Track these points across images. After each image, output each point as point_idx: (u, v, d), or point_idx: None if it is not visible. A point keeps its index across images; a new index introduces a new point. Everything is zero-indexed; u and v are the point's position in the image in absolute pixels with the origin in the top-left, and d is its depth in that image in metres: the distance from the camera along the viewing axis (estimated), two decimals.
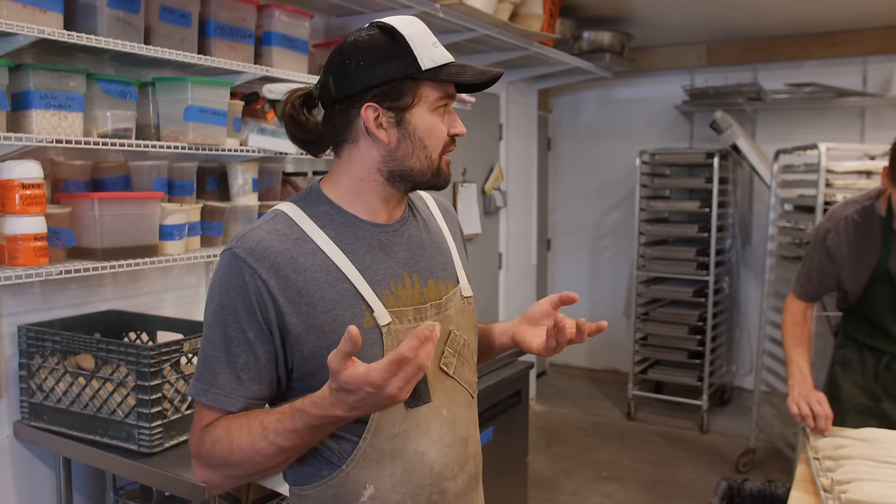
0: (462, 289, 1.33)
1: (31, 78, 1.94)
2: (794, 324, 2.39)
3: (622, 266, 5.76)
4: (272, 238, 1.16)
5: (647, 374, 5.23)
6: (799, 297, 2.42)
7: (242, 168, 2.55)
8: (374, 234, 1.23)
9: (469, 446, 1.30)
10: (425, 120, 1.20)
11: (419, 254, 1.28)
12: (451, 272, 1.33)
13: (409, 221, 1.30)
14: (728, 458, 4.40)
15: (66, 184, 2.17)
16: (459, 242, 1.43)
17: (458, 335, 1.29)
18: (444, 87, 1.21)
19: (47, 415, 2.07)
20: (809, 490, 1.76)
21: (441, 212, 1.42)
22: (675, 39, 5.24)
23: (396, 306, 1.21)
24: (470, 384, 1.32)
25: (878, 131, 4.76)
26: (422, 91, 1.19)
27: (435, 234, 1.35)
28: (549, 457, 4.44)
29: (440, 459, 1.23)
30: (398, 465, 1.20)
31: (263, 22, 2.58)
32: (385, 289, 1.21)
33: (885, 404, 2.29)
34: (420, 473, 1.21)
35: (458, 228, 1.46)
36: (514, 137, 5.01)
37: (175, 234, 2.28)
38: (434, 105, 1.20)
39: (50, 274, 1.96)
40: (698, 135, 5.45)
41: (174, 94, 2.25)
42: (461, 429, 1.28)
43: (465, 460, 1.29)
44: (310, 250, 1.17)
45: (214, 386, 1.14)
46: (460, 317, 1.31)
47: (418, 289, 1.25)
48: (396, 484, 1.20)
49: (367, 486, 1.19)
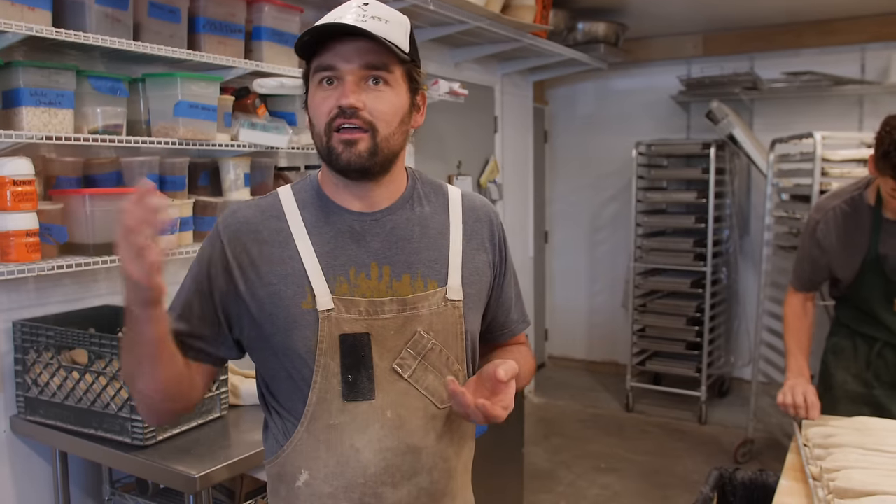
0: (449, 290, 1.24)
1: (21, 75, 1.95)
2: (793, 317, 2.39)
3: (620, 258, 5.76)
4: (249, 210, 1.25)
5: (646, 366, 5.23)
6: (797, 290, 2.43)
7: (234, 163, 2.56)
8: (347, 221, 1.22)
9: (422, 458, 1.22)
10: (313, 97, 1.19)
11: (399, 247, 1.23)
12: (438, 271, 1.24)
13: (399, 213, 1.25)
14: (727, 448, 4.41)
15: (58, 180, 2.18)
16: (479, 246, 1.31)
17: (426, 338, 1.21)
18: (317, 59, 1.17)
19: (43, 409, 2.09)
20: (799, 478, 1.77)
21: (466, 210, 1.32)
22: (670, 29, 5.23)
23: (350, 295, 1.19)
24: (434, 393, 1.23)
25: (876, 119, 4.66)
26: (310, 73, 1.20)
27: (434, 230, 1.27)
28: (547, 448, 4.45)
29: (376, 461, 1.19)
30: (332, 458, 1.20)
31: (253, 17, 2.58)
32: (341, 275, 1.19)
33: (878, 391, 2.29)
34: (353, 470, 1.19)
35: (489, 234, 1.34)
36: (509, 130, 5.01)
37: (167, 230, 2.28)
38: (316, 79, 1.17)
39: (42, 270, 1.97)
40: (695, 125, 5.44)
41: (164, 90, 2.26)
42: (411, 437, 1.21)
43: (415, 471, 1.22)
44: (277, 228, 1.22)
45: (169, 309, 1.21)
46: (436, 319, 1.22)
47: (386, 281, 1.21)
48: (329, 476, 1.20)
49: (303, 471, 1.21)
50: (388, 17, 1.17)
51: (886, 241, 2.19)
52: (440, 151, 4.21)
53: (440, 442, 1.24)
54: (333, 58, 1.15)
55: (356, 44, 1.14)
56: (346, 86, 1.14)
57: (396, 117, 1.18)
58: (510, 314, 1.41)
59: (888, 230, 2.19)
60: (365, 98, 1.15)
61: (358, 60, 1.14)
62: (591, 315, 6.02)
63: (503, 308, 1.39)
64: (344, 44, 1.14)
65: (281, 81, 2.56)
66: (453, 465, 1.28)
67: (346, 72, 1.14)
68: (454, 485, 1.30)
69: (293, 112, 2.76)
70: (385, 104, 1.16)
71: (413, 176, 1.31)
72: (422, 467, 1.22)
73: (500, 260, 1.36)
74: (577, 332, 6.06)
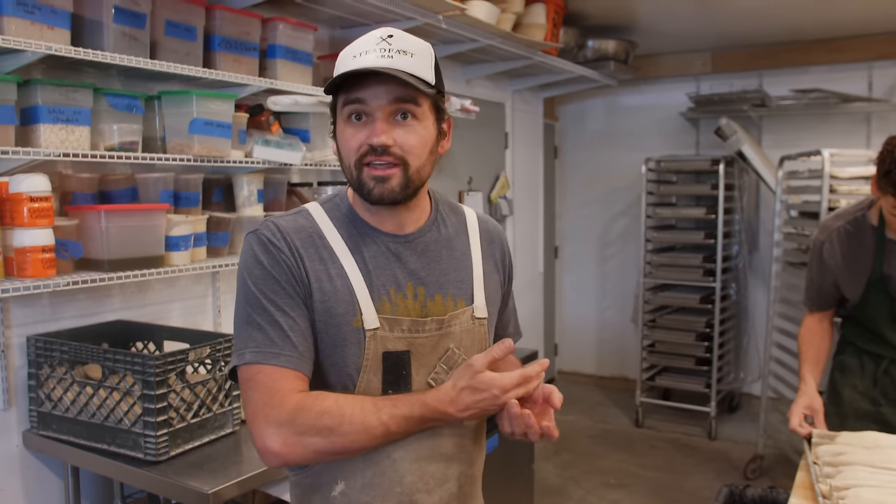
0: (476, 309, 1.31)
1: (39, 93, 1.98)
2: (808, 333, 2.41)
3: (629, 273, 5.76)
4: (290, 227, 1.24)
5: (655, 381, 5.21)
6: (810, 310, 2.44)
7: (248, 179, 2.58)
8: (384, 242, 1.26)
9: (452, 465, 1.29)
10: (343, 132, 1.22)
11: (431, 268, 1.28)
12: (466, 290, 1.31)
13: (427, 235, 1.30)
14: (736, 464, 4.39)
15: (74, 196, 2.21)
16: (494, 267, 1.38)
17: (458, 353, 1.28)
18: (346, 93, 1.19)
19: (56, 424, 2.10)
20: (808, 496, 1.76)
21: (481, 232, 1.39)
22: (679, 47, 5.25)
23: (392, 314, 1.23)
24: None
25: (883, 136, 4.66)
26: (338, 105, 1.22)
27: (458, 251, 1.33)
28: (556, 464, 4.44)
29: (413, 471, 1.24)
30: (369, 468, 1.23)
31: (268, 35, 2.61)
32: (384, 295, 1.23)
33: (885, 409, 2.29)
34: (390, 480, 1.23)
35: (500, 255, 1.41)
36: (520, 146, 5.03)
37: (181, 245, 2.31)
38: (345, 113, 1.20)
39: (58, 285, 1.99)
40: (704, 142, 5.45)
41: (180, 108, 2.29)
42: (443, 446, 1.27)
43: (446, 478, 1.28)
44: (322, 245, 1.24)
45: (284, 349, 1.17)
46: (465, 336, 1.29)
47: (421, 301, 1.26)
48: (366, 486, 1.24)
49: (339, 481, 1.24)
50: (413, 49, 1.18)
51: (890, 260, 2.20)
52: (451, 167, 4.24)
53: (465, 450, 1.31)
54: (363, 93, 1.17)
55: (384, 80, 1.16)
56: (376, 124, 1.17)
57: (426, 149, 1.22)
58: (508, 328, 1.49)
59: (891, 250, 2.20)
60: (395, 134, 1.18)
61: (387, 96, 1.16)
62: (600, 330, 6.01)
63: (503, 322, 1.47)
64: (372, 80, 1.17)
65: (295, 99, 2.59)
66: (475, 471, 1.36)
67: (376, 108, 1.17)
68: (476, 489, 1.38)
69: (307, 129, 2.78)
70: (414, 138, 1.19)
71: (434, 198, 1.36)
72: (452, 474, 1.29)
73: (508, 280, 1.44)
74: (587, 347, 6.05)
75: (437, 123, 1.25)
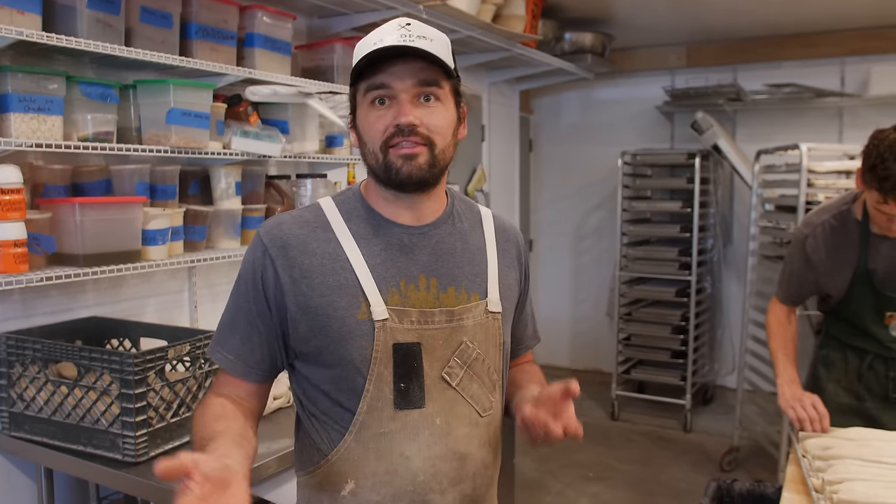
0: (490, 303, 1.29)
1: (10, 81, 1.90)
2: (778, 326, 2.41)
3: (605, 266, 5.78)
4: (293, 222, 1.25)
5: (631, 375, 5.24)
6: (781, 301, 2.44)
7: (225, 171, 2.52)
8: (396, 234, 1.26)
9: (467, 465, 1.26)
10: (366, 117, 1.22)
11: (445, 260, 1.27)
12: (479, 284, 1.30)
13: (443, 227, 1.30)
14: (712, 456, 4.42)
15: (46, 188, 2.12)
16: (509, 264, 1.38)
17: (472, 348, 1.26)
18: (368, 79, 1.20)
19: (28, 425, 2.02)
20: (801, 490, 1.77)
21: (497, 229, 1.38)
22: (655, 41, 5.26)
23: (401, 305, 1.22)
24: (478, 401, 1.27)
25: (855, 131, 4.81)
26: (359, 90, 1.22)
27: (473, 245, 1.32)
28: (534, 458, 4.44)
29: (425, 469, 1.22)
30: (381, 465, 1.21)
31: (246, 23, 2.54)
32: (393, 286, 1.22)
33: (869, 404, 2.30)
34: (402, 478, 1.21)
35: (517, 253, 1.41)
36: (496, 139, 5.00)
37: (158, 239, 2.24)
38: (367, 99, 1.21)
39: (30, 281, 1.91)
40: (679, 135, 5.48)
41: (156, 97, 2.22)
42: (458, 444, 1.24)
43: (460, 478, 1.25)
44: (325, 238, 1.24)
45: (224, 349, 1.26)
46: (478, 330, 1.27)
47: (434, 293, 1.25)
48: (377, 484, 1.21)
49: (349, 480, 1.22)
50: (432, 36, 1.21)
51: (874, 255, 2.21)
52: None
53: (481, 449, 1.28)
54: (387, 77, 1.18)
55: (408, 63, 1.18)
56: (401, 105, 1.18)
57: (449, 130, 1.24)
58: (527, 330, 1.48)
59: (875, 245, 2.21)
60: (420, 115, 1.19)
61: (411, 79, 1.18)
62: (575, 323, 6.03)
63: (522, 323, 1.45)
64: (395, 64, 1.18)
65: (274, 89, 2.53)
66: (492, 472, 1.33)
67: (401, 90, 1.18)
68: (492, 492, 1.35)
69: (286, 120, 2.72)
70: (439, 119, 1.21)
71: (451, 193, 1.36)
72: (466, 474, 1.26)
73: (525, 279, 1.43)
74: (561, 340, 6.07)
75: (457, 108, 1.27)
